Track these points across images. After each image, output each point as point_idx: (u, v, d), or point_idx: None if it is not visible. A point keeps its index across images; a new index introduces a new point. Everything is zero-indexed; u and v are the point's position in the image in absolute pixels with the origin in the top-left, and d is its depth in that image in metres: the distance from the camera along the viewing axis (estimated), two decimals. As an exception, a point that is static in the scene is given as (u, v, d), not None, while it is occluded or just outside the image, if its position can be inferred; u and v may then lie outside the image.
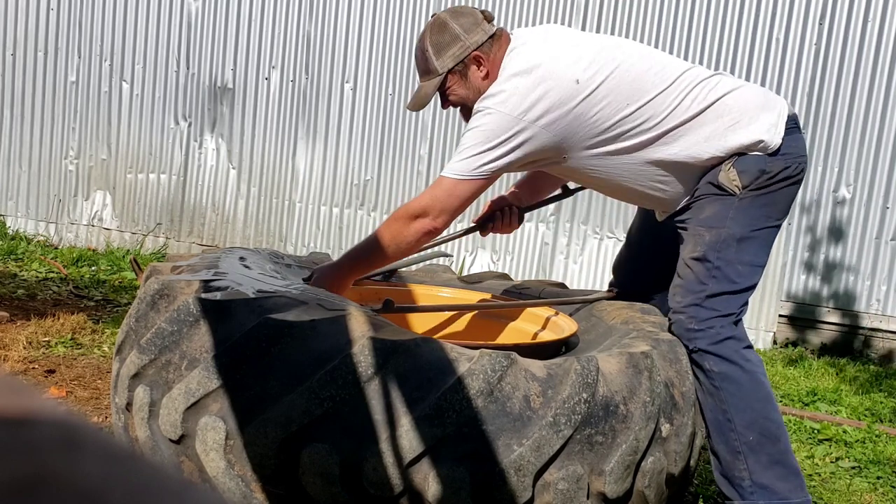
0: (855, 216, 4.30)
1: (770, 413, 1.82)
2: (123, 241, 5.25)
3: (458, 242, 4.77)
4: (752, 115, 1.86)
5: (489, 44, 1.94)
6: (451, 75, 1.95)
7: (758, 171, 1.83)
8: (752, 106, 1.88)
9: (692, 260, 1.88)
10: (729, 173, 1.84)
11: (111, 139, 5.22)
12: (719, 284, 1.83)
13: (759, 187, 1.84)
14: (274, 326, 1.41)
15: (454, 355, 1.42)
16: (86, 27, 5.17)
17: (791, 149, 1.86)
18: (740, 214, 1.84)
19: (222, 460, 1.39)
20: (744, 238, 1.84)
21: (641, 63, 1.88)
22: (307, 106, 4.94)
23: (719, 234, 1.84)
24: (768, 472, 1.79)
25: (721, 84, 1.90)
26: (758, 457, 1.79)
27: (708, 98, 1.87)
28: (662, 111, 1.85)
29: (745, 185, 1.83)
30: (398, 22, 4.78)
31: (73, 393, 2.50)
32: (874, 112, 4.23)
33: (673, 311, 1.90)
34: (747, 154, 1.85)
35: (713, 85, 1.89)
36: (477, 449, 1.36)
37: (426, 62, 1.96)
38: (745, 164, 1.84)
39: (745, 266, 1.84)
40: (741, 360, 1.82)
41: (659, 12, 4.43)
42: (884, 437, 2.82)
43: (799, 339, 4.42)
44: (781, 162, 1.84)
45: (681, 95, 1.86)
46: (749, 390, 1.81)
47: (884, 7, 4.17)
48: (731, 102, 1.87)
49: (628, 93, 1.84)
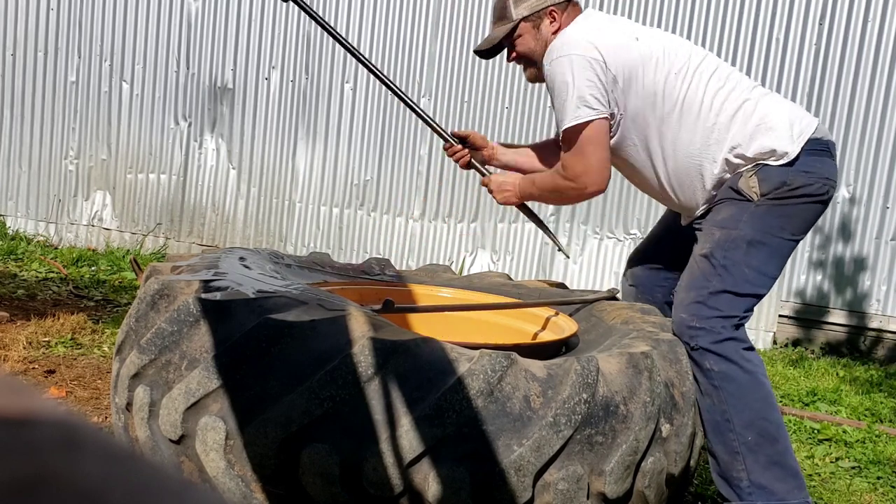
0: (855, 216, 4.30)
1: (769, 414, 1.82)
2: (123, 242, 5.25)
3: (458, 242, 4.77)
4: (770, 126, 1.87)
5: (565, 4, 2.05)
6: (524, 23, 2.05)
7: (778, 182, 1.84)
8: (774, 115, 1.89)
9: (700, 257, 1.89)
10: (749, 180, 1.85)
11: (111, 139, 5.22)
12: (723, 283, 1.83)
13: (777, 197, 1.84)
14: (274, 326, 1.41)
15: (454, 355, 1.41)
16: (86, 27, 5.17)
17: (817, 168, 1.86)
18: (754, 219, 1.85)
19: (222, 460, 1.39)
20: (754, 242, 1.84)
21: (689, 52, 1.98)
22: (307, 106, 4.94)
23: (729, 235, 1.85)
24: (766, 472, 1.79)
25: (756, 90, 1.95)
26: (756, 457, 1.79)
27: (737, 97, 1.91)
28: (696, 92, 1.91)
29: (764, 193, 1.84)
30: (398, 22, 4.78)
31: (73, 393, 2.50)
32: (874, 112, 4.23)
33: (675, 308, 1.91)
34: (769, 165, 1.85)
35: (749, 87, 1.94)
36: (477, 449, 1.36)
37: (504, 8, 2.09)
38: (767, 174, 1.84)
39: (751, 270, 1.84)
40: (741, 360, 1.81)
41: (659, 12, 4.43)
42: (884, 437, 2.82)
43: (799, 339, 4.42)
44: (804, 178, 1.84)
45: (717, 85, 1.92)
46: (748, 390, 1.80)
47: (884, 7, 4.17)
48: (752, 108, 1.90)
49: (670, 68, 1.93)
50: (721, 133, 1.89)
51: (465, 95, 4.71)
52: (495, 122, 4.67)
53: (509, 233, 4.72)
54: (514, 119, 4.66)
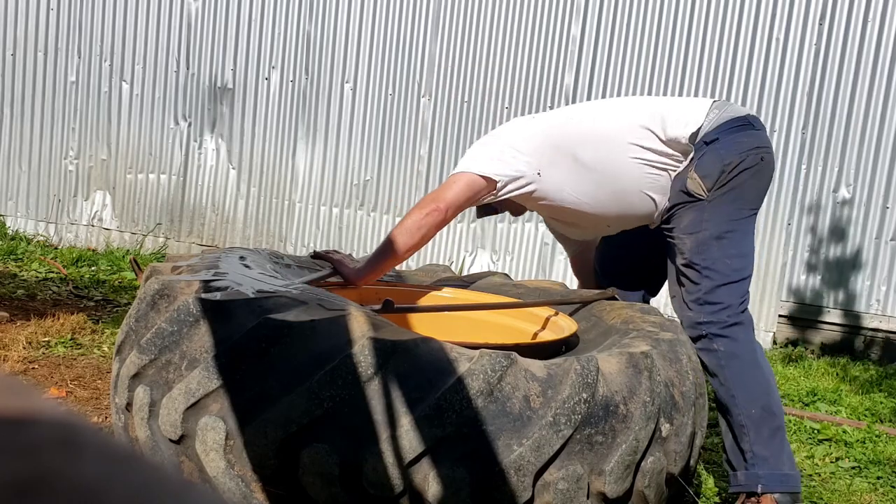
0: (855, 216, 4.30)
1: (771, 391, 1.98)
2: (123, 242, 5.25)
3: (458, 242, 4.77)
4: (678, 118, 2.02)
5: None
6: None
7: (718, 170, 1.96)
8: (675, 110, 2.05)
9: (683, 267, 2.03)
10: (694, 180, 1.98)
11: (111, 139, 5.22)
12: (713, 281, 1.97)
13: (722, 184, 1.97)
14: (274, 326, 1.41)
15: (454, 355, 1.41)
16: (86, 27, 5.17)
17: (742, 142, 1.98)
18: (713, 215, 1.98)
19: (222, 460, 1.39)
20: (721, 235, 1.97)
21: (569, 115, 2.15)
22: (307, 106, 4.94)
23: (698, 238, 1.99)
24: (768, 444, 1.94)
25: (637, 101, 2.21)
26: (759, 430, 1.94)
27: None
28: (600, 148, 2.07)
29: (710, 188, 1.97)
30: (398, 22, 4.77)
31: (73, 393, 2.50)
32: (874, 112, 4.23)
33: (680, 309, 2.05)
34: (703, 156, 1.97)
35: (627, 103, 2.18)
36: (477, 449, 1.36)
37: None
38: (704, 168, 1.97)
39: (732, 259, 1.98)
40: (747, 342, 1.97)
41: (659, 12, 4.43)
42: (884, 437, 2.82)
43: (799, 339, 4.42)
44: (736, 155, 1.96)
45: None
46: (751, 368, 1.96)
47: (884, 7, 4.17)
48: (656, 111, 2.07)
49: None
50: (633, 154, 2.03)
51: (465, 95, 4.71)
52: (495, 122, 4.67)
53: (509, 233, 4.72)
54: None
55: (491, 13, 4.64)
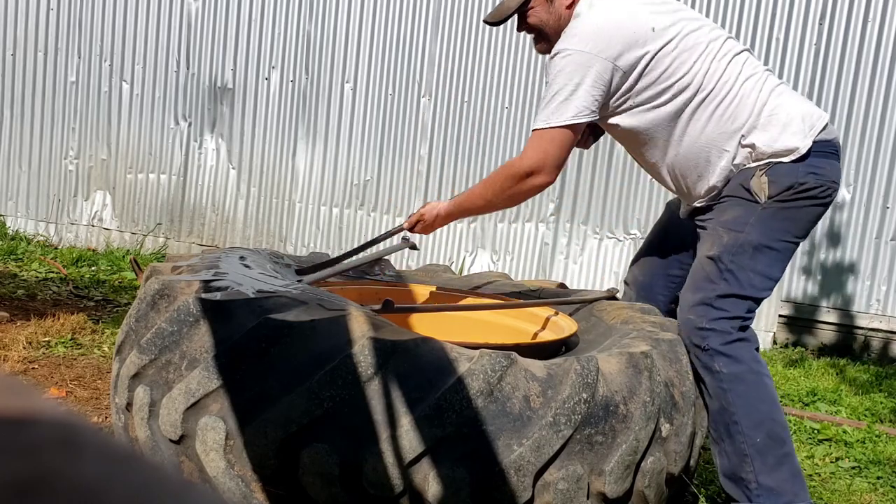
0: (855, 216, 4.30)
1: (776, 415, 1.82)
2: (123, 242, 5.25)
3: (458, 242, 4.77)
4: (783, 121, 1.87)
5: None
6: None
7: (788, 184, 1.83)
8: (787, 109, 1.88)
9: (707, 259, 1.90)
10: (760, 179, 1.85)
11: (111, 139, 5.22)
12: (729, 287, 1.85)
13: (784, 199, 1.84)
14: (274, 326, 1.41)
15: (454, 355, 1.41)
16: (86, 27, 5.17)
17: (825, 171, 1.86)
18: (761, 223, 1.85)
19: (222, 460, 1.39)
20: (760, 247, 1.85)
21: (708, 35, 1.94)
22: (307, 106, 4.94)
23: (737, 238, 1.86)
24: (774, 473, 1.79)
25: (769, 81, 1.93)
26: (764, 459, 1.79)
27: (755, 88, 1.90)
28: (711, 84, 1.89)
29: (772, 195, 1.84)
30: (398, 22, 4.77)
31: (73, 393, 2.50)
32: (874, 112, 4.23)
33: (681, 310, 1.92)
34: (781, 163, 1.84)
35: (763, 80, 1.92)
36: (477, 449, 1.36)
37: None
38: (777, 174, 1.84)
39: (756, 275, 1.85)
40: (751, 362, 1.82)
41: (659, 12, 4.43)
42: (884, 437, 2.82)
43: (799, 339, 4.42)
44: (813, 179, 1.84)
45: (733, 77, 1.90)
46: (756, 392, 1.81)
47: (884, 7, 4.17)
48: (766, 99, 1.89)
49: (688, 57, 1.89)
50: (736, 124, 1.88)
51: (465, 95, 4.71)
52: (495, 122, 4.67)
53: (509, 233, 4.72)
54: (514, 119, 4.66)
55: (491, 13, 4.64)
